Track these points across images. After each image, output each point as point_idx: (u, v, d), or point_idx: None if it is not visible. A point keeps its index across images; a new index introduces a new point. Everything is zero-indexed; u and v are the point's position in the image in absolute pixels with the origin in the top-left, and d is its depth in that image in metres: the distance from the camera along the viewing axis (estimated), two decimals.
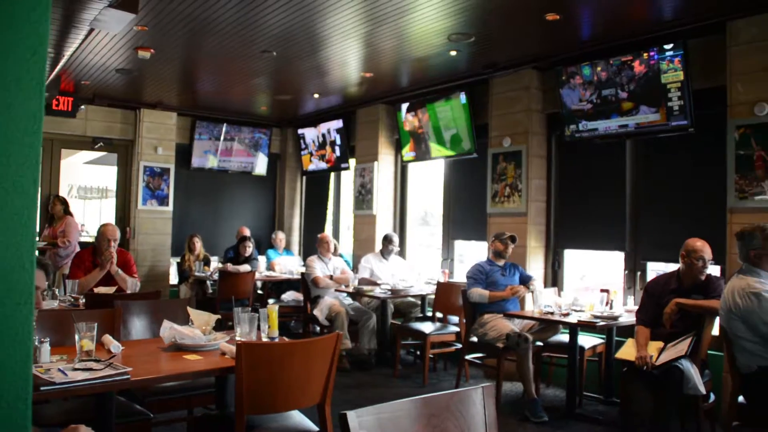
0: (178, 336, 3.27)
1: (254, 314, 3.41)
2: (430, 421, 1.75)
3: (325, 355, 3.02)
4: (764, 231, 3.66)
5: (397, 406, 1.72)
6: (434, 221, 8.62)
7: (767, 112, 4.69)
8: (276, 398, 2.94)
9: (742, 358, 3.60)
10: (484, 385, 1.90)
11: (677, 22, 5.18)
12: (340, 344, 3.09)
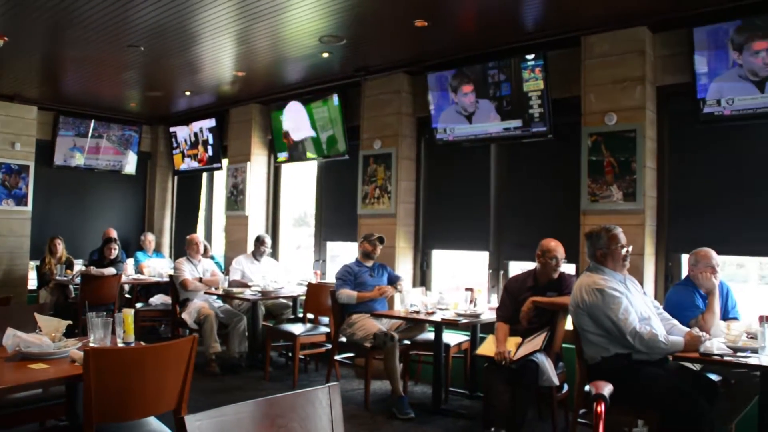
0: (23, 344, 3.06)
1: (108, 319, 3.26)
2: (275, 422, 1.74)
3: (181, 359, 2.94)
4: (609, 232, 3.92)
5: (240, 408, 1.69)
6: (313, 222, 8.61)
7: (616, 121, 5.05)
8: (128, 405, 2.83)
9: (588, 350, 3.83)
10: (330, 385, 1.91)
11: (538, 35, 5.46)
12: (195, 348, 3.02)
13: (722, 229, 4.89)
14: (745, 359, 3.47)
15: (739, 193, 4.88)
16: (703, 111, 4.77)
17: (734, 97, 4.64)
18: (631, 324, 3.62)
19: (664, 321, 3.95)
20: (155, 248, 9.47)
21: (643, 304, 3.86)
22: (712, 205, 4.98)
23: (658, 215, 5.14)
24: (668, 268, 5.15)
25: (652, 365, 3.68)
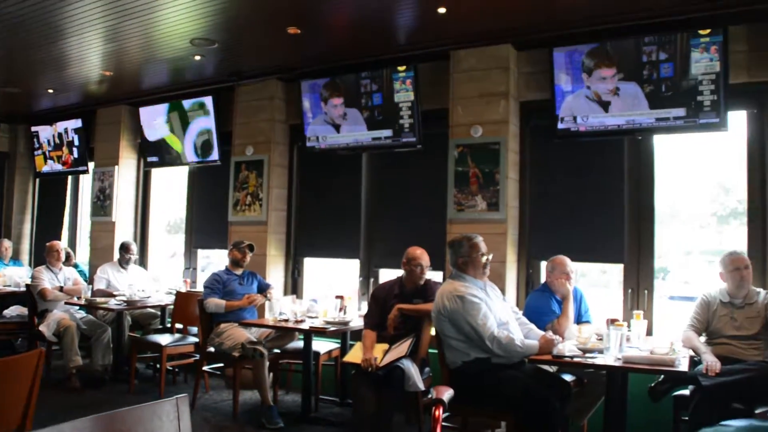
0: None
1: None
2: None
3: (25, 374, 2.77)
4: (470, 240, 4.07)
5: (80, 424, 1.59)
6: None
7: (481, 133, 5.25)
8: None
9: (449, 355, 3.95)
10: (178, 396, 1.86)
11: (410, 47, 5.59)
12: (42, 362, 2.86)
13: (577, 237, 5.19)
14: (592, 360, 3.69)
15: (592, 203, 5.20)
16: (560, 126, 5.04)
17: (587, 114, 4.94)
18: (490, 329, 3.77)
19: (522, 325, 4.14)
20: (12, 256, 8.87)
21: (502, 310, 4.02)
22: (568, 215, 5.27)
23: (520, 224, 5.39)
24: (529, 274, 5.40)
25: (510, 368, 3.85)
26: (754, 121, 4.81)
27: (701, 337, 4.26)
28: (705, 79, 4.62)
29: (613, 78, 4.85)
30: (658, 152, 5.10)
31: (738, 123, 4.87)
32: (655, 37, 4.75)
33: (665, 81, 4.74)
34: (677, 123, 4.71)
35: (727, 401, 3.72)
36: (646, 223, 5.04)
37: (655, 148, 5.09)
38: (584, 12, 4.79)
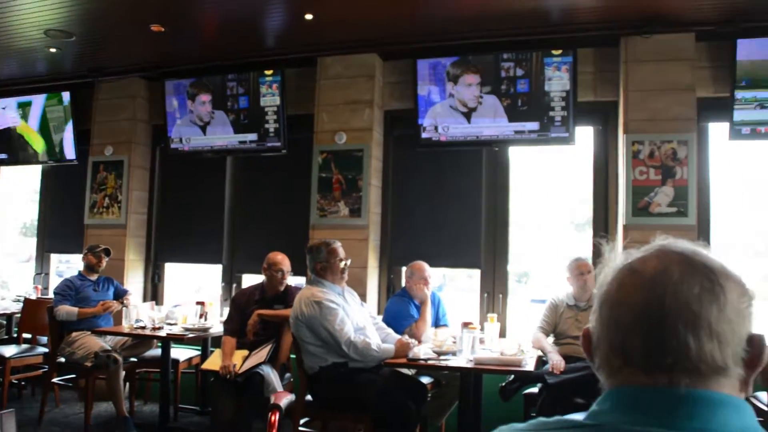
0: None
1: None
2: None
3: None
4: (329, 246, 4.10)
5: None
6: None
7: (345, 140, 5.30)
8: None
9: (307, 360, 3.95)
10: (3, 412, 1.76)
11: (278, 51, 5.56)
12: None
13: (436, 243, 5.35)
14: (446, 362, 3.82)
15: (452, 211, 5.38)
16: (422, 136, 5.19)
17: (449, 124, 5.12)
18: (347, 334, 3.81)
19: (379, 330, 4.22)
20: None
21: (359, 315, 4.08)
22: (429, 222, 5.43)
23: (382, 230, 5.49)
24: (390, 280, 5.50)
25: (367, 372, 3.90)
26: (599, 136, 5.18)
27: (549, 337, 4.50)
28: (557, 96, 4.91)
29: (478, 86, 5.06)
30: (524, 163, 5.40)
31: (586, 138, 5.22)
32: (513, 54, 5.01)
33: (521, 96, 4.99)
34: (531, 136, 4.98)
35: (570, 397, 3.95)
36: (502, 231, 5.30)
37: (510, 158, 5.36)
38: (446, 26, 4.96)
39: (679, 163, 4.68)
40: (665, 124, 4.73)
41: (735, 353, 0.87)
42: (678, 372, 0.85)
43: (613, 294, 0.93)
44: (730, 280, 0.89)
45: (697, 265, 0.89)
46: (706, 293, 0.87)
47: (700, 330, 0.85)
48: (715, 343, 0.85)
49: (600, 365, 0.94)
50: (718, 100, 4.84)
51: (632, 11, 4.62)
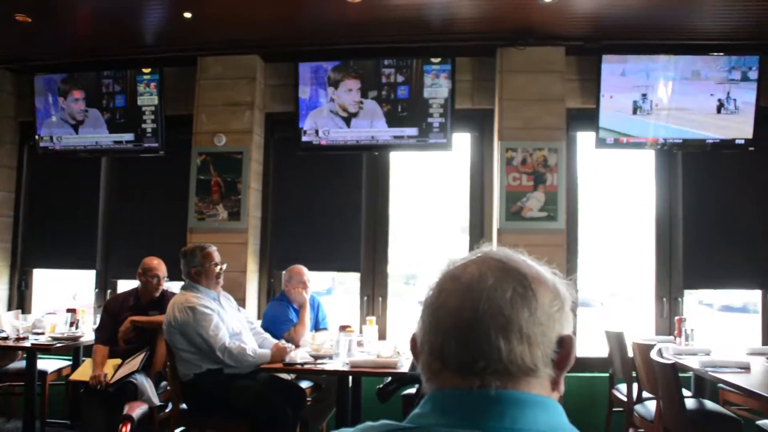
0: None
1: None
2: None
3: None
4: (203, 250, 4.02)
5: None
6: None
7: (225, 142, 5.21)
8: None
9: (181, 367, 3.85)
10: None
11: (156, 49, 5.39)
12: None
13: (317, 247, 5.36)
14: (322, 365, 3.82)
15: (332, 214, 5.41)
16: (303, 139, 5.18)
17: (329, 128, 5.14)
18: (221, 340, 3.74)
19: (256, 335, 4.17)
20: None
21: (235, 320, 4.02)
22: (309, 226, 5.43)
23: (262, 234, 5.44)
24: (270, 284, 5.45)
25: (243, 378, 3.84)
26: (476, 143, 5.36)
27: None
28: (435, 102, 5.04)
29: (359, 91, 5.10)
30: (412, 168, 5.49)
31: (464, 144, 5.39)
32: (394, 60, 5.09)
33: (401, 102, 5.09)
34: (410, 141, 5.08)
35: None
36: (382, 234, 5.38)
37: (391, 163, 5.45)
38: (328, 31, 4.98)
39: (549, 169, 4.91)
40: (537, 132, 4.96)
41: (545, 355, 0.92)
42: (489, 374, 0.89)
43: (434, 299, 0.96)
44: (543, 285, 0.94)
45: (511, 271, 0.94)
46: (518, 298, 0.91)
47: (511, 333, 0.89)
48: (525, 346, 0.90)
49: (422, 368, 0.96)
50: (585, 110, 5.12)
51: (508, 24, 4.82)
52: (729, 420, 3.96)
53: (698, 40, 4.99)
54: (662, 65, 4.99)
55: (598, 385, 4.99)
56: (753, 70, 4.95)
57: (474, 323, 0.90)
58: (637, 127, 5.02)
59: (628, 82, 4.98)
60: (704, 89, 5.00)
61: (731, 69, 4.97)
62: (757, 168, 5.33)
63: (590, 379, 5.11)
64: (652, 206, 5.42)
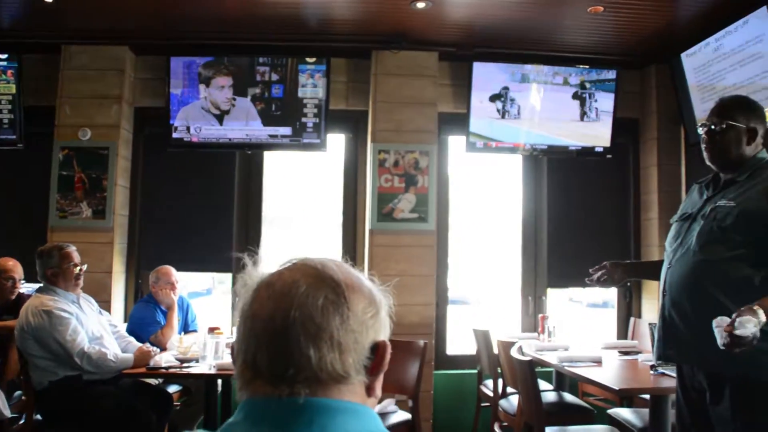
0: None
1: None
2: None
3: None
4: (62, 250, 3.81)
5: None
6: None
7: (90, 137, 4.97)
8: None
9: (35, 375, 3.63)
10: None
11: (14, 34, 5.04)
12: None
13: (188, 247, 5.22)
14: (188, 369, 3.73)
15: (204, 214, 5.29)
16: (174, 136, 5.03)
17: (201, 125, 5.01)
18: (80, 345, 3.57)
19: (120, 339, 4.01)
20: None
21: (96, 324, 3.85)
22: (180, 225, 5.27)
23: (130, 233, 5.23)
24: (138, 285, 5.26)
25: (104, 384, 3.69)
26: (350, 144, 5.40)
27: None
28: (310, 102, 5.03)
29: (231, 88, 5.01)
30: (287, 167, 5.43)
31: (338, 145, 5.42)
32: (268, 58, 5.04)
33: (276, 101, 5.04)
34: (284, 141, 5.05)
35: None
36: (254, 235, 5.30)
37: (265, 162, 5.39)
38: (202, 25, 4.85)
39: (420, 172, 5.02)
40: (409, 135, 5.06)
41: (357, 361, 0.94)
42: (299, 382, 0.90)
43: (248, 307, 0.97)
44: (357, 293, 0.96)
45: (325, 279, 0.95)
46: (330, 305, 0.92)
47: (321, 341, 0.91)
48: (336, 353, 0.91)
49: (236, 376, 0.96)
50: (457, 115, 5.27)
51: (383, 27, 4.87)
52: (584, 410, 4.23)
53: (564, 52, 5.26)
54: (530, 74, 5.22)
55: (468, 381, 5.15)
56: (611, 82, 5.28)
57: (285, 331, 0.90)
58: (506, 132, 5.23)
59: (498, 89, 5.17)
60: (568, 99, 5.27)
61: (593, 81, 5.27)
62: (614, 174, 5.70)
63: (460, 376, 5.27)
64: (519, 208, 5.66)
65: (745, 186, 2.51)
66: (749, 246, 2.40)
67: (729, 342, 2.12)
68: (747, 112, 2.58)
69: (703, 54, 4.70)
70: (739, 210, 2.44)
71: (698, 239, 2.52)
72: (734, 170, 2.58)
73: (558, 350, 4.43)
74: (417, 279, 5.00)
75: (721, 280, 2.42)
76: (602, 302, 11.66)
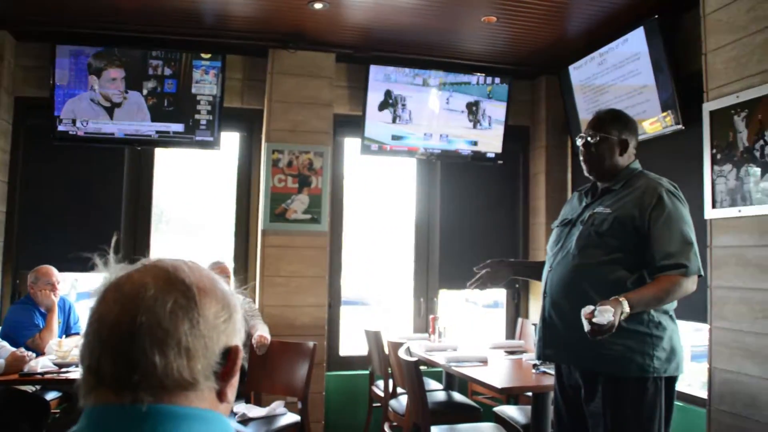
0: None
1: None
2: None
3: None
4: None
5: None
6: None
7: None
8: None
9: None
10: None
11: None
12: None
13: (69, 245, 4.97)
14: (66, 374, 3.58)
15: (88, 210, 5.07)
16: (58, 128, 4.80)
17: (88, 119, 4.82)
18: None
19: None
20: None
21: None
22: (62, 222, 5.03)
23: (8, 230, 4.94)
24: (16, 285, 4.97)
25: None
26: (245, 143, 5.33)
27: None
28: (203, 99, 4.92)
29: (123, 81, 4.83)
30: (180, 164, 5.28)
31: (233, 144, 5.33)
32: (162, 52, 4.89)
33: (168, 96, 4.90)
34: (176, 138, 4.92)
35: None
36: (143, 234, 5.13)
37: (156, 158, 5.23)
38: (92, 12, 4.63)
39: (314, 172, 5.02)
40: (304, 135, 5.04)
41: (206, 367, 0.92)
42: (143, 390, 0.87)
43: (95, 310, 0.93)
44: (209, 297, 0.94)
45: (175, 282, 0.93)
46: (179, 310, 0.90)
47: (168, 348, 0.88)
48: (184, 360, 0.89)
49: (81, 383, 0.93)
50: (353, 117, 5.30)
51: (280, 26, 4.82)
52: (471, 409, 4.34)
53: (461, 59, 5.38)
54: (427, 79, 5.30)
55: (360, 382, 5.18)
56: (504, 91, 5.44)
57: (131, 336, 0.88)
58: (400, 136, 5.29)
59: (394, 93, 5.23)
60: (462, 105, 5.40)
61: (487, 89, 5.42)
62: (505, 180, 5.88)
63: (353, 377, 5.30)
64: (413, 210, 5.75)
65: (620, 194, 2.67)
66: (623, 250, 2.56)
67: (590, 330, 2.27)
68: (619, 125, 2.75)
69: (589, 67, 4.93)
70: (614, 216, 2.59)
71: (577, 243, 2.66)
72: (610, 179, 2.75)
73: (447, 350, 4.52)
74: (309, 280, 4.99)
75: (597, 282, 2.56)
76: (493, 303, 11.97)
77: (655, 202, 2.54)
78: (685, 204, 2.61)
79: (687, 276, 2.46)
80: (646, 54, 4.33)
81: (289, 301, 4.95)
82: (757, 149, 3.26)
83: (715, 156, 3.52)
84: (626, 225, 2.56)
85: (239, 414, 3.86)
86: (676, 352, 2.57)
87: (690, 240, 2.51)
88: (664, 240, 2.49)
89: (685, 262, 2.46)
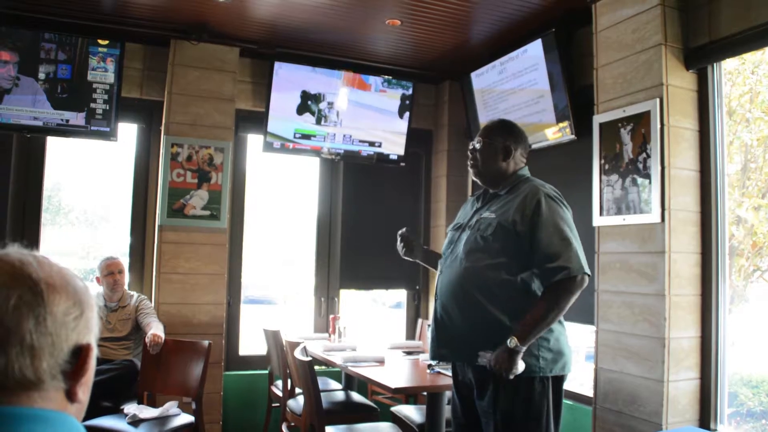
0: None
1: None
2: None
3: None
4: None
5: None
6: None
7: None
8: None
9: None
10: None
11: None
12: None
13: None
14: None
15: None
16: None
17: None
18: None
19: None
20: None
21: None
22: None
23: None
24: None
25: None
26: (143, 135, 5.15)
27: None
28: (100, 87, 4.72)
29: (16, 65, 4.55)
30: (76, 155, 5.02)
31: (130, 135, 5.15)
32: (56, 35, 4.65)
33: (62, 82, 4.67)
34: (70, 127, 4.69)
35: (97, 401, 3.83)
36: (33, 230, 4.84)
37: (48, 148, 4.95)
38: None
39: (215, 168, 4.91)
40: (205, 130, 4.92)
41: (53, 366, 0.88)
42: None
43: None
44: (58, 293, 0.90)
45: (21, 277, 0.89)
46: (24, 306, 0.86)
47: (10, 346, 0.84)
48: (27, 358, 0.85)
49: None
50: (256, 113, 5.23)
51: (183, 16, 4.68)
52: (369, 408, 4.36)
53: (367, 61, 5.40)
54: (332, 79, 5.30)
55: (259, 382, 5.12)
56: (409, 94, 5.50)
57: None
58: (303, 134, 5.26)
59: (297, 90, 5.20)
60: (368, 106, 5.42)
61: (394, 91, 5.47)
62: (408, 182, 5.95)
63: (252, 376, 5.23)
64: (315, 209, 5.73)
65: (505, 199, 2.77)
66: (507, 254, 2.65)
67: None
68: (504, 132, 2.89)
69: (490, 75, 5.05)
70: (497, 221, 2.69)
71: (464, 247, 2.74)
72: (496, 185, 2.85)
73: (345, 350, 4.53)
74: (207, 277, 4.88)
75: (482, 285, 2.65)
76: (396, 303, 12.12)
77: (534, 206, 2.64)
78: (568, 208, 2.73)
79: (570, 277, 2.56)
80: (544, 65, 4.48)
81: (186, 299, 4.82)
82: (640, 161, 3.45)
83: (604, 166, 3.70)
84: (508, 230, 2.65)
85: (130, 415, 3.73)
86: (563, 353, 2.68)
87: (569, 240, 2.60)
88: (543, 243, 2.59)
89: (565, 264, 2.56)
